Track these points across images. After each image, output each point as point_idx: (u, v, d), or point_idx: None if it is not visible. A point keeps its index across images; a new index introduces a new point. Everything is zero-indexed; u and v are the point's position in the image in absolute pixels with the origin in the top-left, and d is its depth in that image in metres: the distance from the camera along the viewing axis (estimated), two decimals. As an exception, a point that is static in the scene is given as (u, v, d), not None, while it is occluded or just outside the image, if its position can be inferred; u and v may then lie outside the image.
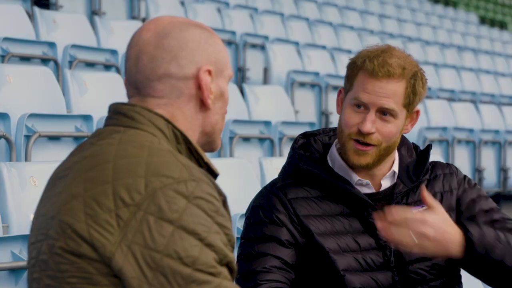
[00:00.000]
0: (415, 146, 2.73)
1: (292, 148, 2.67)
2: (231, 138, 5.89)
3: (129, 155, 1.76)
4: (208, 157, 1.92)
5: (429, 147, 2.68)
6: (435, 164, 2.72)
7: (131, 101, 1.89)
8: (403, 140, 2.72)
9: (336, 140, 2.64)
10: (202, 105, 1.90)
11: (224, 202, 1.79)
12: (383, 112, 2.54)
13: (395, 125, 2.55)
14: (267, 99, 7.28)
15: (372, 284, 2.52)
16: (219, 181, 1.93)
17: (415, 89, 2.57)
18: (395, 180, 2.63)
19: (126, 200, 1.69)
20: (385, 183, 2.62)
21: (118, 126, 1.84)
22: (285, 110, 7.33)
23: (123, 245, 1.68)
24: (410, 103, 2.57)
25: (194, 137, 1.91)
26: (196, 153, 1.87)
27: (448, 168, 2.71)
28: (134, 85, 1.89)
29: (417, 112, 2.63)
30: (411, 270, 2.57)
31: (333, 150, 2.65)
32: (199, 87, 1.88)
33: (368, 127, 2.52)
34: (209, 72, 1.89)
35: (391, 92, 2.53)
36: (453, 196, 2.66)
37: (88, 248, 1.69)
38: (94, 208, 1.71)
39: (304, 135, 2.70)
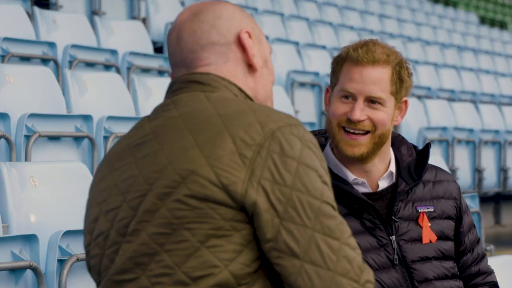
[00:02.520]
0: (414, 146, 2.73)
1: None
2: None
3: (227, 105, 1.80)
4: None
5: (428, 146, 2.68)
6: (438, 169, 2.73)
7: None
8: (403, 139, 2.72)
9: (330, 141, 2.64)
10: (250, 68, 1.93)
11: None
12: (371, 101, 2.54)
13: (385, 112, 2.55)
14: (267, 99, 7.27)
15: (377, 285, 2.50)
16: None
17: (401, 76, 2.58)
18: (393, 180, 2.63)
19: (247, 141, 1.73)
20: (383, 184, 2.62)
21: (195, 91, 1.86)
22: (285, 110, 7.31)
23: (253, 181, 1.71)
24: (398, 91, 2.58)
25: None
26: None
27: (449, 176, 2.74)
28: (183, 64, 1.92)
29: (406, 102, 2.63)
30: (414, 268, 2.56)
31: (327, 149, 2.65)
32: (243, 49, 1.91)
33: (357, 115, 2.53)
34: (249, 35, 1.92)
35: (377, 78, 2.54)
36: (454, 204, 2.68)
37: (216, 189, 1.71)
38: (215, 151, 1.73)
39: None
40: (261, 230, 1.71)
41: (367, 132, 2.55)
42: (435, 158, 6.44)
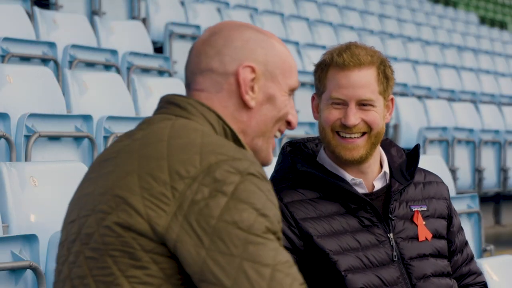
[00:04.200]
0: (403, 149, 2.78)
1: (282, 153, 2.67)
2: (231, 138, 5.88)
3: (183, 135, 1.78)
4: None
5: (417, 147, 2.71)
6: (426, 171, 2.78)
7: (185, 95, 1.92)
8: (391, 142, 2.76)
9: (324, 145, 2.66)
10: (244, 103, 1.89)
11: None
12: (362, 104, 2.56)
13: (376, 112, 2.58)
14: (267, 99, 7.27)
15: (376, 282, 2.52)
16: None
17: (386, 75, 2.60)
18: (387, 181, 2.65)
19: (182, 173, 1.71)
20: (378, 184, 2.65)
21: (169, 114, 1.86)
22: (285, 110, 7.32)
23: (178, 215, 1.69)
24: (385, 89, 2.60)
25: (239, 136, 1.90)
26: None
27: (438, 178, 2.79)
28: (185, 81, 1.94)
29: (392, 100, 2.66)
30: (412, 265, 2.58)
31: (322, 153, 2.66)
32: (239, 83, 1.88)
33: (352, 120, 2.54)
34: (252, 70, 1.89)
35: (365, 81, 2.55)
36: (445, 204, 2.73)
37: (140, 220, 1.70)
38: (149, 182, 1.72)
39: (290, 143, 2.71)
40: (187, 263, 1.69)
41: (363, 134, 2.57)
42: (435, 158, 6.43)
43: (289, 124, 1.98)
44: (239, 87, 1.88)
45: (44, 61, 6.15)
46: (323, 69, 2.60)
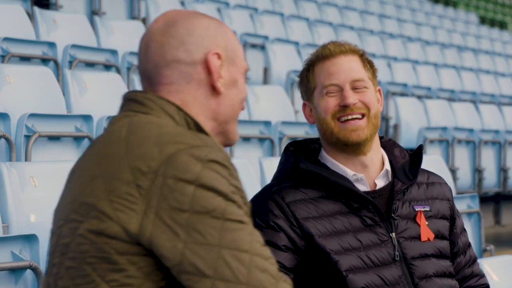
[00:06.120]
0: (405, 149, 2.79)
1: (285, 153, 2.68)
2: (231, 138, 5.87)
3: (140, 130, 1.77)
4: None
5: (420, 148, 2.73)
6: (429, 172, 2.80)
7: (144, 89, 1.91)
8: (394, 143, 2.78)
9: (323, 145, 2.68)
10: (214, 90, 1.89)
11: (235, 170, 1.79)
12: (356, 87, 2.61)
13: (370, 93, 2.63)
14: (267, 99, 7.27)
15: (378, 282, 2.52)
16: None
17: (370, 63, 2.67)
18: (389, 179, 2.66)
19: (143, 169, 1.71)
20: (380, 183, 2.65)
21: (129, 111, 1.86)
22: (285, 110, 7.33)
23: (149, 213, 1.69)
24: (372, 76, 2.67)
25: (206, 124, 1.90)
26: None
27: (441, 179, 2.80)
28: (146, 75, 1.90)
29: (380, 91, 2.71)
30: (414, 265, 2.58)
31: (323, 152, 2.68)
32: (208, 71, 1.88)
33: (350, 99, 2.58)
34: (218, 56, 1.89)
35: (352, 64, 2.63)
36: (448, 205, 2.74)
37: (111, 223, 1.70)
38: (113, 183, 1.72)
39: (293, 143, 2.73)
40: (165, 257, 1.69)
41: (363, 116, 2.60)
42: (435, 158, 6.43)
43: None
44: (210, 75, 1.88)
45: (44, 61, 6.15)
46: (309, 69, 2.67)
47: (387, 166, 2.67)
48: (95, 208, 1.72)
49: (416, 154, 2.72)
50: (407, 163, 2.71)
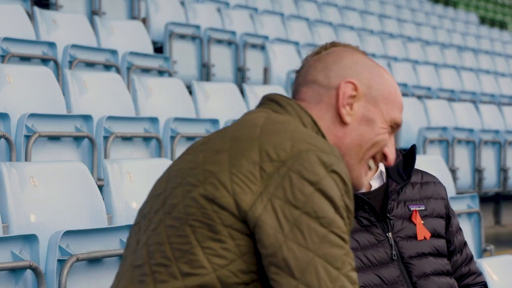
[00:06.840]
0: (399, 149, 2.80)
1: None
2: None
3: (277, 122, 1.83)
4: None
5: (413, 148, 2.74)
6: (423, 172, 2.81)
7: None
8: None
9: None
10: (341, 119, 1.95)
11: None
12: None
13: None
14: (267, 99, 7.26)
15: (377, 281, 2.54)
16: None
17: None
18: (384, 180, 2.67)
19: (272, 156, 1.75)
20: (375, 184, 2.67)
21: (267, 109, 1.92)
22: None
23: (264, 196, 1.72)
24: None
25: None
26: None
27: (435, 178, 2.81)
28: (292, 88, 2.02)
29: None
30: (412, 264, 2.60)
31: None
32: (338, 97, 1.95)
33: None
34: (354, 87, 1.95)
35: None
36: (443, 204, 2.75)
37: (226, 193, 1.74)
38: (239, 159, 1.76)
39: None
40: (262, 243, 1.72)
41: None
42: (435, 158, 6.43)
43: (385, 158, 2.02)
44: (337, 100, 1.94)
45: (44, 61, 6.15)
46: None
47: (382, 167, 2.69)
48: (214, 176, 1.76)
49: (410, 154, 2.74)
50: (400, 163, 2.72)
